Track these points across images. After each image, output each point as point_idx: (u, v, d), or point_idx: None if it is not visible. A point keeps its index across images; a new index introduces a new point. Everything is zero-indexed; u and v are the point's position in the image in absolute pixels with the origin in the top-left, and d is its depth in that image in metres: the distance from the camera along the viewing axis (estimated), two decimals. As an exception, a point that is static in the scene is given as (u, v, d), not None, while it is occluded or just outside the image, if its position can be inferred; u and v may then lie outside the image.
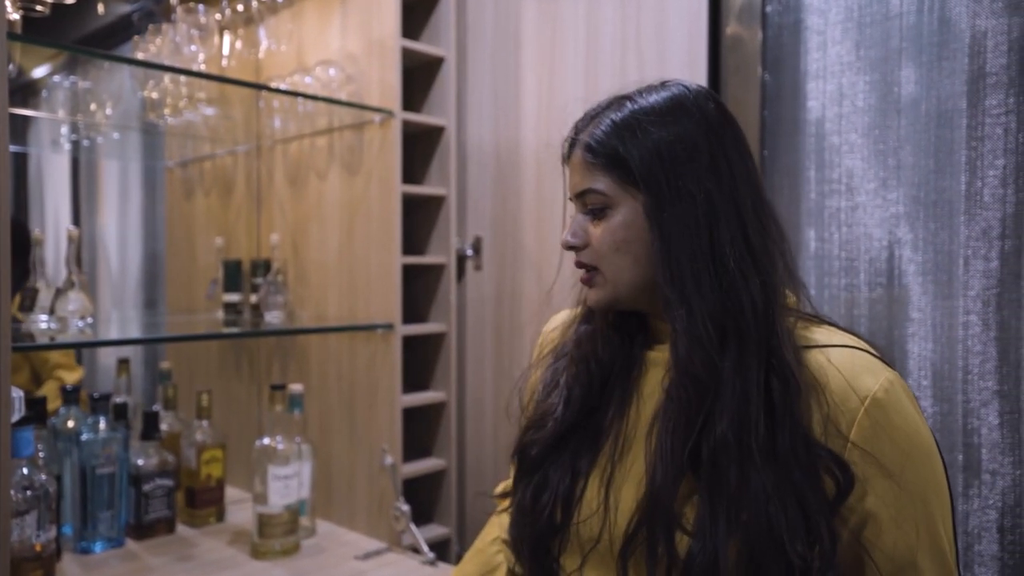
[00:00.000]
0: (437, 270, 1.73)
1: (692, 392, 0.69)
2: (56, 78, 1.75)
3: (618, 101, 0.76)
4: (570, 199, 0.80)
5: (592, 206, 0.75)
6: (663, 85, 0.76)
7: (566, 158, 0.79)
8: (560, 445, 0.79)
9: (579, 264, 0.78)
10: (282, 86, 1.71)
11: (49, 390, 1.74)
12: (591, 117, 0.77)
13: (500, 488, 0.96)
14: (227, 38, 1.67)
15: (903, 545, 0.66)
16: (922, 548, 0.67)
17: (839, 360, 0.69)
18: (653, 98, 0.74)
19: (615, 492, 0.74)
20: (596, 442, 0.78)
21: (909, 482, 0.66)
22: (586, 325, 0.84)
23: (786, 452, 0.65)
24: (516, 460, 0.84)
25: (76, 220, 1.99)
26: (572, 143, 0.78)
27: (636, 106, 0.74)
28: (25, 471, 1.15)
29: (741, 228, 0.71)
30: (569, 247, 0.77)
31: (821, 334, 0.72)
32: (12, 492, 1.08)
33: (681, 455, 0.68)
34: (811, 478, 0.65)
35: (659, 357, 0.78)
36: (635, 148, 0.72)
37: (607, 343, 0.80)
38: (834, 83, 1.24)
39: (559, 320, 0.94)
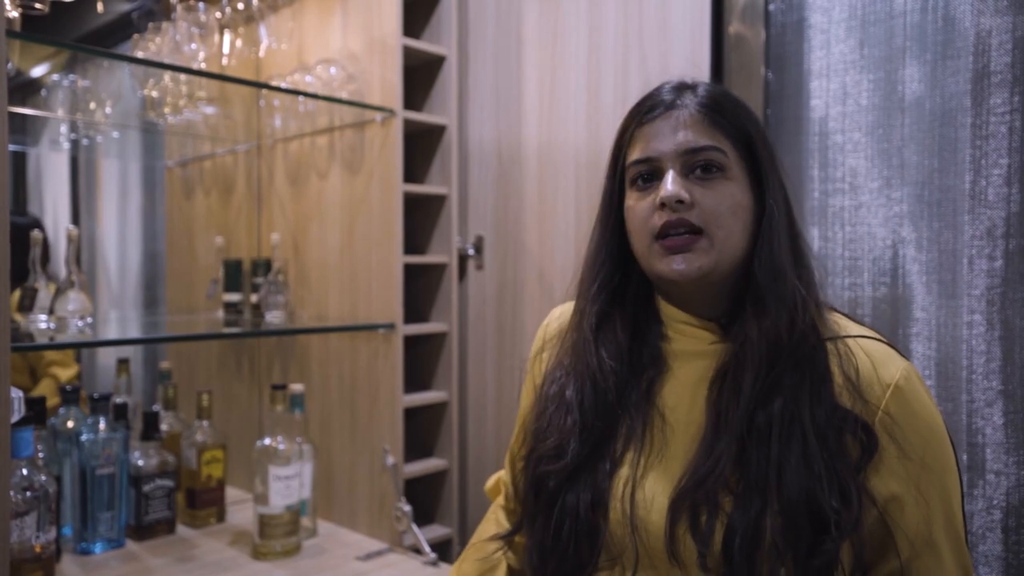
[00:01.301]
0: (439, 269, 1.73)
1: (766, 361, 0.71)
2: (55, 77, 1.75)
3: (700, 81, 0.80)
4: (653, 158, 0.76)
5: (707, 163, 0.74)
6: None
7: (649, 119, 0.77)
8: (577, 475, 0.77)
9: (680, 223, 0.73)
10: (283, 85, 1.70)
11: (45, 387, 1.73)
12: (684, 85, 0.78)
13: (492, 482, 0.95)
14: (227, 36, 1.66)
15: (924, 524, 0.70)
16: (939, 526, 0.71)
17: (866, 346, 0.74)
18: (721, 88, 0.80)
19: (644, 491, 0.74)
20: (615, 454, 0.77)
21: (929, 464, 0.71)
22: (585, 331, 0.81)
23: (822, 422, 0.69)
24: (529, 492, 0.81)
25: (75, 220, 1.98)
26: (670, 103, 0.76)
27: (727, 90, 0.80)
28: (25, 472, 1.14)
29: (791, 212, 0.79)
30: (679, 201, 0.73)
31: (849, 325, 0.77)
32: (12, 493, 1.07)
33: (742, 423, 0.70)
34: (840, 444, 0.69)
35: (683, 348, 0.79)
36: (750, 121, 0.76)
37: (614, 347, 0.79)
38: (838, 81, 1.23)
39: (558, 315, 0.92)
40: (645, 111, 0.77)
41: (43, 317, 1.38)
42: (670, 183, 0.73)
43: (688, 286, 0.76)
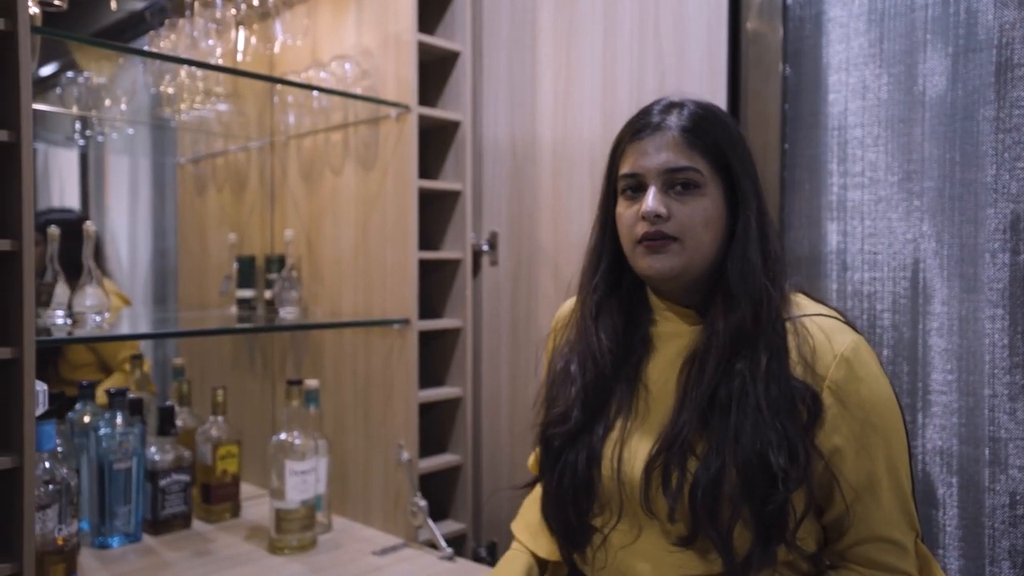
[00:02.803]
0: (453, 265, 1.73)
1: (728, 348, 0.83)
2: (69, 73, 1.75)
3: (680, 102, 0.89)
4: (639, 174, 0.88)
5: (686, 182, 0.85)
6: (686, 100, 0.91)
7: (638, 138, 0.88)
8: (578, 436, 0.92)
9: (657, 234, 0.86)
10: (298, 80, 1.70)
11: (120, 380, 1.77)
12: (672, 105, 0.89)
13: (532, 459, 1.08)
14: (242, 33, 1.66)
15: (863, 472, 0.82)
16: (881, 477, 0.82)
17: (821, 323, 0.85)
18: (703, 104, 0.89)
19: (629, 451, 0.88)
20: (609, 419, 0.91)
21: (872, 423, 0.82)
22: (586, 317, 0.95)
23: (776, 395, 0.81)
24: (541, 450, 0.97)
25: (87, 216, 1.99)
26: (656, 126, 0.87)
27: (713, 108, 0.89)
28: (47, 465, 1.15)
29: (766, 214, 0.89)
30: (657, 216, 0.85)
31: (808, 305, 0.89)
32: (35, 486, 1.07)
33: (705, 398, 0.83)
34: (791, 410, 0.81)
35: (666, 330, 0.93)
36: (727, 142, 0.87)
37: (610, 330, 0.93)
38: (857, 76, 1.23)
39: (569, 303, 1.05)
40: (636, 129, 0.89)
41: (60, 313, 1.38)
42: (651, 199, 0.85)
43: (664, 282, 0.89)
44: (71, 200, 1.96)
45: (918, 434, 1.17)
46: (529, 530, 1.05)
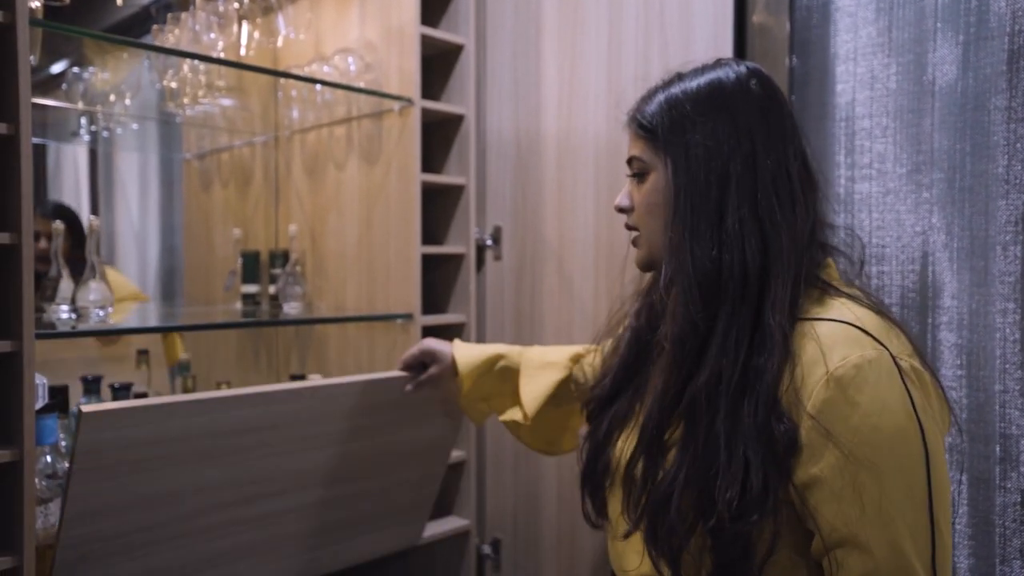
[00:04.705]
0: (456, 260, 1.72)
1: (674, 344, 0.77)
2: (75, 70, 1.75)
3: (671, 79, 0.85)
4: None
5: (638, 172, 0.86)
6: (717, 63, 0.84)
7: (627, 132, 0.89)
8: (609, 404, 0.93)
9: (627, 227, 0.89)
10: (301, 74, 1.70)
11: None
12: (647, 95, 0.86)
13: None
14: (245, 27, 1.66)
15: (843, 518, 0.68)
16: (867, 526, 0.68)
17: (823, 332, 0.72)
18: (700, 77, 0.82)
19: (628, 439, 0.86)
20: (631, 399, 0.90)
21: (860, 459, 0.68)
22: (638, 296, 0.96)
23: (748, 410, 0.71)
24: (585, 412, 0.99)
25: (94, 212, 1.99)
26: (629, 117, 0.87)
27: (682, 83, 0.83)
28: (48, 459, 1.15)
29: (751, 194, 0.76)
30: (619, 210, 0.88)
31: (831, 308, 0.75)
32: (36, 480, 1.08)
33: (669, 398, 0.78)
34: (764, 437, 0.70)
35: None
36: (667, 119, 0.81)
37: (649, 312, 0.92)
38: (865, 65, 1.21)
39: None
40: (625, 124, 0.89)
41: (64, 307, 1.38)
42: (621, 193, 0.88)
43: (645, 272, 0.91)
44: (81, 197, 1.96)
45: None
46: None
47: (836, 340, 0.71)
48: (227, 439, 1.10)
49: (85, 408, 0.98)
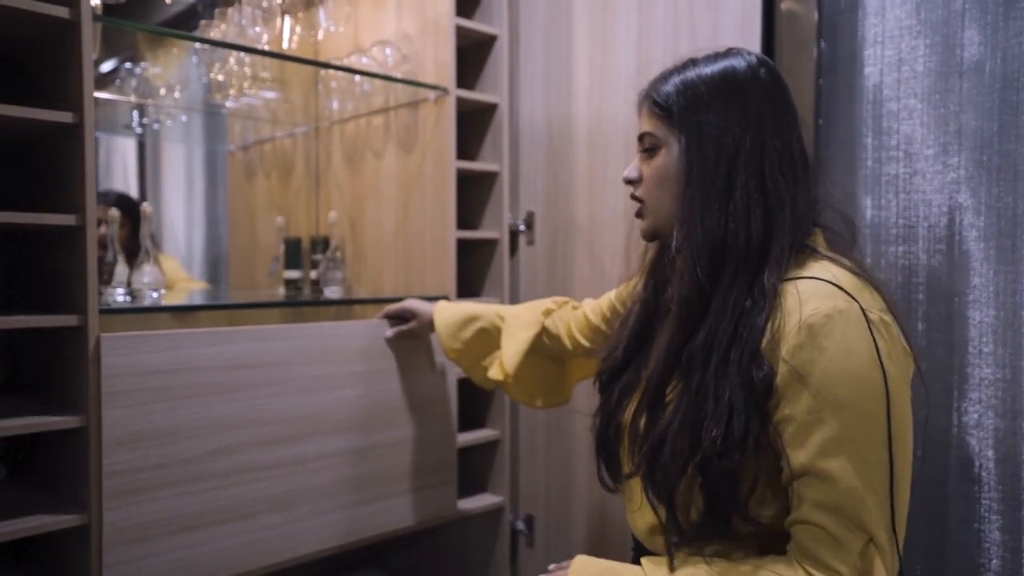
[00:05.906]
0: (490, 245, 1.77)
1: (680, 304, 0.85)
2: (128, 65, 1.84)
3: (685, 63, 0.91)
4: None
5: (649, 147, 0.91)
6: (728, 52, 0.90)
7: (639, 110, 0.94)
8: (618, 375, 0.98)
9: (633, 198, 0.94)
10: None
11: None
12: (662, 76, 0.92)
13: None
14: (288, 21, 1.72)
15: (806, 446, 0.76)
16: (826, 454, 0.75)
17: (802, 288, 0.80)
18: (714, 64, 0.89)
19: (634, 396, 0.93)
20: (639, 366, 0.95)
21: (825, 398, 0.75)
22: (646, 269, 1.01)
23: (734, 359, 0.79)
24: (596, 382, 1.04)
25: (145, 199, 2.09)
26: (643, 96, 0.93)
27: (696, 68, 0.89)
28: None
29: (758, 171, 0.84)
30: (627, 181, 0.94)
31: (812, 268, 0.82)
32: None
33: (671, 356, 0.85)
34: (746, 383, 0.78)
35: None
36: (683, 99, 0.87)
37: (655, 287, 0.97)
38: (893, 48, 1.22)
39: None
40: (638, 102, 0.95)
41: (120, 290, 1.47)
42: (630, 166, 0.93)
43: (650, 242, 0.97)
44: (130, 188, 2.06)
45: (953, 408, 1.16)
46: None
47: (812, 294, 0.78)
48: (234, 372, 1.26)
49: (104, 335, 1.12)
